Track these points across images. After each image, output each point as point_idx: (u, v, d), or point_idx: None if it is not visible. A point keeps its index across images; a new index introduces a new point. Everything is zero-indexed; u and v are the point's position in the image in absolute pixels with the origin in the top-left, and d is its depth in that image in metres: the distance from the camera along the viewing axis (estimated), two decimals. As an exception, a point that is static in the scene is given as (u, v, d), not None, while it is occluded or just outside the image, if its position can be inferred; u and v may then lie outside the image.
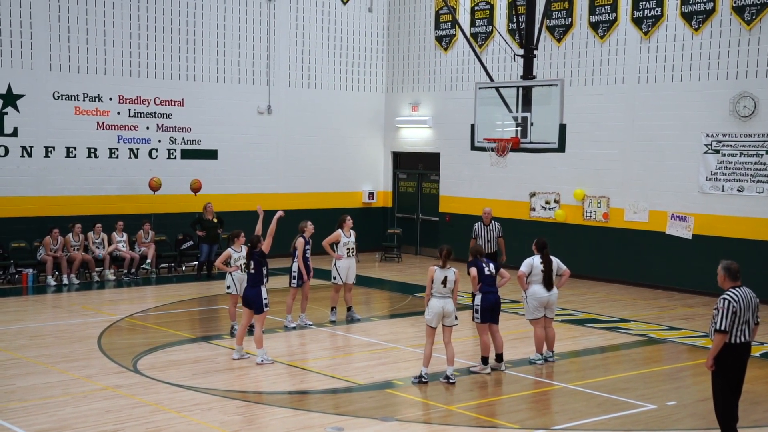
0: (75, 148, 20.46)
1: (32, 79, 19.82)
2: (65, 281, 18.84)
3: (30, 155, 19.91)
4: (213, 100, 22.36)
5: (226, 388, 11.31)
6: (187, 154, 22.04)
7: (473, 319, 12.40)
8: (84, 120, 20.54)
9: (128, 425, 9.78)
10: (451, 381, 11.57)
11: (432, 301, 11.67)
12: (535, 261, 12.71)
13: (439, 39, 24.09)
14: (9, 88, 19.54)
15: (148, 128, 21.45)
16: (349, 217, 15.72)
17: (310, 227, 14.96)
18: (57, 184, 20.23)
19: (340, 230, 15.45)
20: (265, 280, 12.59)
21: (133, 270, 19.97)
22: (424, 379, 11.57)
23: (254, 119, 23.11)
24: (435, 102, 24.29)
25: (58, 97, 20.20)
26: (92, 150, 20.70)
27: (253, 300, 12.47)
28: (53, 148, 20.17)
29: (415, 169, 25.29)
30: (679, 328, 15.60)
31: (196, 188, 20.53)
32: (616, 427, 10.07)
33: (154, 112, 21.54)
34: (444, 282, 11.65)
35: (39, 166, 20.01)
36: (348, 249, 15.42)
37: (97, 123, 20.74)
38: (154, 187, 20.41)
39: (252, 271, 12.54)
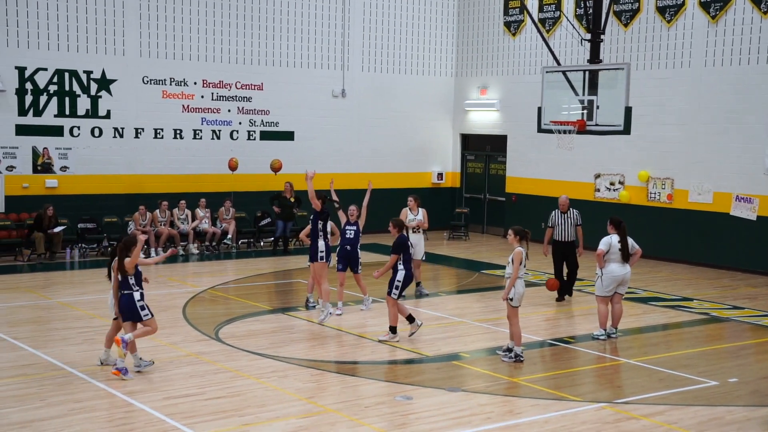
0: (162, 130, 20.83)
1: (124, 65, 20.21)
2: (153, 254, 19.22)
3: (121, 136, 20.34)
4: (290, 84, 22.50)
5: (301, 357, 11.43)
6: (265, 136, 22.26)
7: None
8: (170, 103, 20.89)
9: (210, 389, 9.96)
10: (521, 359, 11.38)
11: (519, 283, 11.34)
12: (613, 239, 12.49)
13: (507, 24, 23.79)
14: (103, 74, 19.97)
15: (229, 111, 21.71)
16: (411, 197, 15.62)
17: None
18: (146, 163, 20.64)
19: (406, 209, 15.45)
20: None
21: (214, 244, 20.31)
22: (521, 358, 11.37)
23: (329, 102, 23.20)
24: (503, 86, 24.03)
25: (147, 81, 20.57)
26: (178, 131, 21.05)
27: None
28: (142, 129, 20.57)
29: (483, 150, 25.10)
30: (742, 307, 15.22)
31: (276, 168, 20.68)
32: (677, 402, 9.89)
33: (235, 96, 21.79)
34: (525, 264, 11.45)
35: (129, 146, 20.44)
36: (415, 227, 15.36)
37: (183, 106, 21.07)
38: (233, 166, 20.67)
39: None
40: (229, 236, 20.54)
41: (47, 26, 19.23)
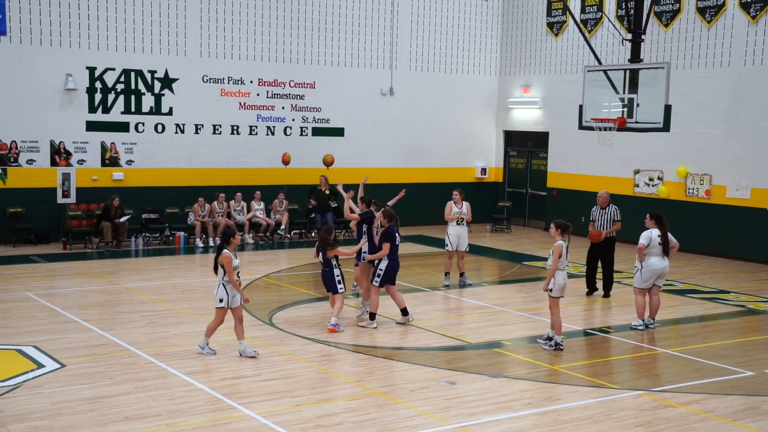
0: (220, 126, 21.05)
1: (185, 65, 20.46)
2: (211, 243, 19.46)
3: (182, 132, 20.60)
4: (341, 83, 22.57)
5: (350, 343, 11.50)
6: (317, 132, 22.37)
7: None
8: (228, 101, 21.09)
9: (265, 371, 10.07)
10: (560, 348, 11.33)
11: (559, 274, 11.28)
12: (653, 234, 12.33)
13: (550, 25, 23.57)
14: (166, 73, 20.24)
15: (283, 108, 21.85)
16: (456, 191, 15.57)
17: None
18: (205, 157, 20.88)
19: (451, 202, 15.42)
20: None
21: (268, 235, 20.48)
22: (560, 346, 11.31)
23: (377, 100, 23.22)
24: (545, 84, 23.83)
25: (207, 80, 20.80)
26: (235, 127, 21.25)
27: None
28: (202, 125, 20.81)
29: (525, 146, 24.92)
30: (777, 300, 14.93)
31: (329, 162, 20.75)
32: (714, 391, 9.75)
33: (289, 94, 21.92)
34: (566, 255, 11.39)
35: (190, 141, 20.70)
36: (459, 219, 15.33)
37: (240, 103, 21.26)
38: (286, 161, 20.81)
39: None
40: (282, 227, 20.69)
41: (116, 29, 19.54)
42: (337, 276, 11.85)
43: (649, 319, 12.63)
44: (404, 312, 12.50)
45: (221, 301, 10.43)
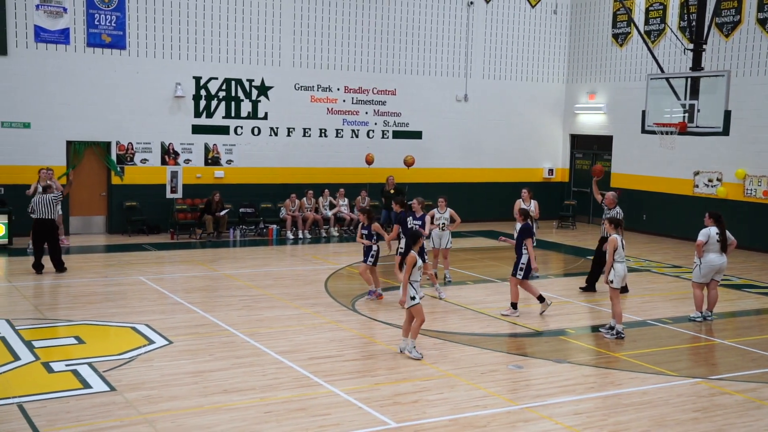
0: (310, 129, 21.28)
1: (279, 74, 20.75)
2: (300, 236, 19.70)
3: (276, 134, 20.90)
4: (419, 90, 22.53)
5: (425, 328, 11.46)
6: (397, 135, 22.39)
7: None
8: (317, 106, 21.30)
9: (348, 352, 10.15)
10: (621, 336, 11.10)
11: (618, 266, 11.09)
12: (711, 231, 11.96)
13: (615, 36, 23.03)
14: (262, 82, 20.57)
15: (366, 113, 21.94)
16: (525, 190, 15.40)
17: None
18: (295, 157, 21.14)
19: (519, 200, 15.25)
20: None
21: (352, 228, 20.60)
22: (621, 335, 11.09)
23: (453, 106, 23.10)
24: (609, 91, 23.29)
25: (298, 87, 21.04)
26: (323, 131, 21.45)
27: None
28: (293, 129, 21.08)
29: (590, 149, 24.42)
30: (834, 297, 14.25)
31: (409, 163, 20.74)
32: (769, 382, 9.39)
33: (372, 100, 22.00)
34: (623, 247, 11.22)
35: (282, 143, 20.98)
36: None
37: (327, 109, 21.45)
38: (369, 161, 20.89)
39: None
40: (365, 221, 20.75)
41: (219, 42, 19.95)
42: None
43: (707, 312, 12.24)
44: (541, 299, 12.30)
45: (413, 299, 9.83)
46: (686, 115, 15.29)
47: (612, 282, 11.03)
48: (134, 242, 18.39)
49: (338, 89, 21.49)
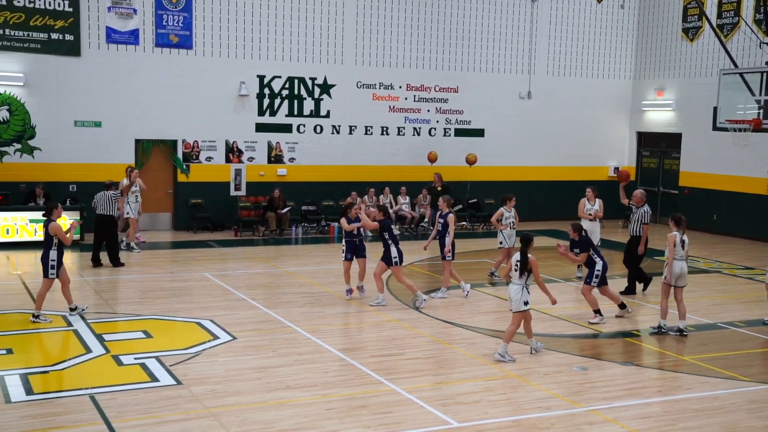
0: (371, 127, 21.37)
1: (341, 72, 20.89)
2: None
3: (338, 132, 21.06)
4: (482, 87, 22.39)
5: (487, 327, 11.42)
6: (459, 133, 22.31)
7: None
8: (379, 104, 21.37)
9: (409, 351, 10.17)
10: (683, 334, 10.92)
11: (675, 263, 10.97)
12: None
13: (685, 30, 22.46)
14: (325, 80, 20.75)
15: (428, 111, 21.92)
16: (589, 189, 15.18)
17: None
18: (357, 155, 21.25)
19: (584, 199, 15.03)
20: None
21: (413, 226, 20.61)
22: (662, 330, 11.03)
23: (516, 103, 22.88)
24: (679, 87, 22.73)
25: (360, 86, 21.15)
26: (384, 129, 21.51)
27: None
28: (355, 127, 21.20)
29: (658, 147, 23.88)
30: None
31: (472, 161, 20.61)
32: None
33: (434, 98, 21.96)
34: (682, 245, 11.00)
35: (344, 141, 21.13)
36: (590, 215, 14.92)
37: (389, 107, 21.50)
38: (432, 159, 20.86)
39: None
40: (426, 220, 20.78)
41: (282, 41, 20.20)
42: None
43: (784, 316, 11.86)
44: (622, 306, 12.15)
45: (526, 303, 9.75)
46: (761, 111, 14.83)
47: (665, 278, 10.94)
48: (199, 239, 18.77)
49: (400, 87, 21.51)
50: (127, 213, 16.95)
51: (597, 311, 11.84)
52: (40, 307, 11.09)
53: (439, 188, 20.16)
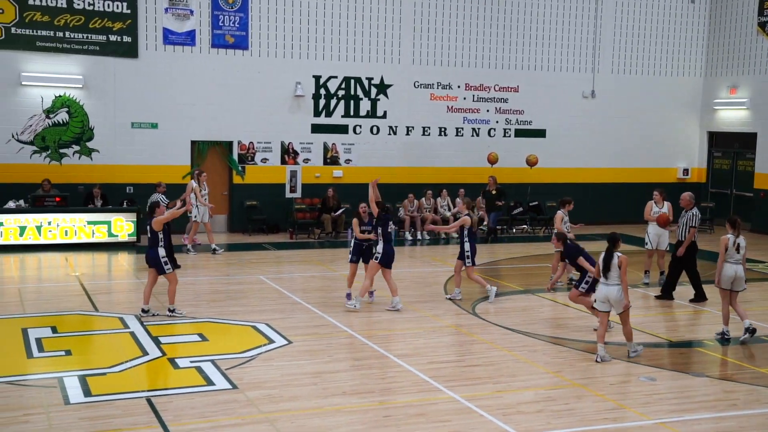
0: (429, 128, 21.32)
1: (398, 72, 20.90)
2: (419, 236, 19.75)
3: (395, 133, 21.07)
4: (543, 87, 22.13)
5: (548, 335, 11.26)
6: (519, 133, 22.09)
7: None
8: (437, 105, 21.31)
9: (468, 357, 10.09)
10: (753, 331, 10.79)
11: (726, 266, 10.76)
12: None
13: (762, 25, 21.81)
14: (381, 80, 20.79)
15: (488, 111, 21.77)
16: (657, 191, 14.85)
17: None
18: (414, 157, 21.21)
19: (651, 201, 14.71)
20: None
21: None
22: (725, 336, 10.82)
23: (579, 103, 22.55)
24: (754, 85, 22.09)
25: (418, 86, 21.13)
26: (443, 129, 21.44)
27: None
28: (412, 127, 21.18)
29: (731, 147, 23.24)
30: None
31: (532, 162, 20.40)
32: None
33: (494, 98, 21.80)
34: (737, 248, 10.73)
35: (401, 142, 21.12)
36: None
37: (447, 107, 21.42)
38: (492, 160, 20.71)
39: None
40: (485, 223, 20.61)
41: (338, 41, 20.32)
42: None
43: None
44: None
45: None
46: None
47: (716, 282, 10.91)
48: (254, 241, 18.99)
49: (458, 87, 21.42)
50: (195, 216, 17.23)
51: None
52: (173, 302, 11.86)
53: (494, 192, 19.97)
